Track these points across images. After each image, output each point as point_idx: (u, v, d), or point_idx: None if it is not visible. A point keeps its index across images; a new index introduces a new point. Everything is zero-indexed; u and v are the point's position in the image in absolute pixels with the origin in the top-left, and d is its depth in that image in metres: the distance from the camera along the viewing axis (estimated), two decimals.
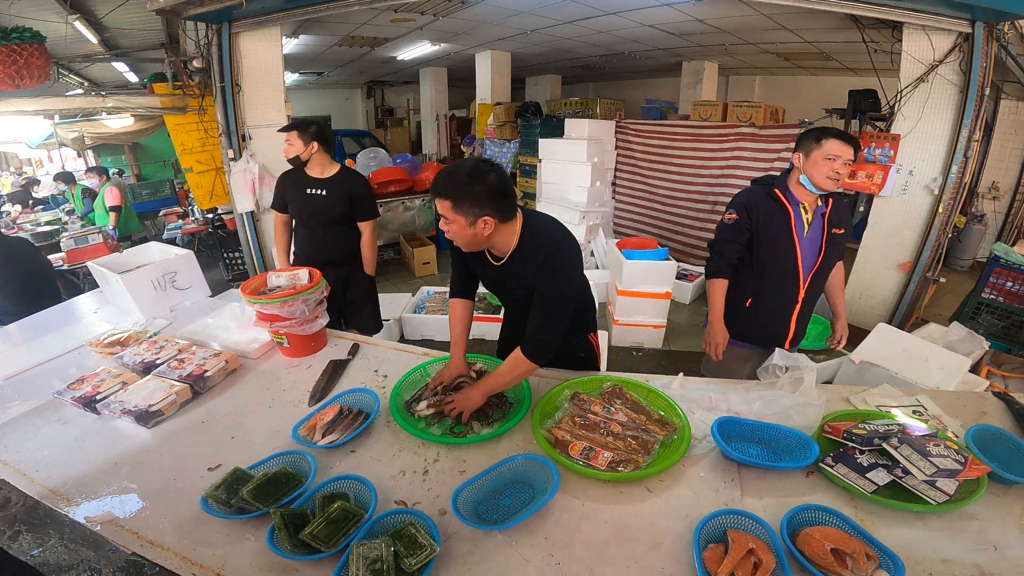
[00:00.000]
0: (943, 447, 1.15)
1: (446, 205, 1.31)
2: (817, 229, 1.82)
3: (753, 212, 1.84)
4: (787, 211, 1.80)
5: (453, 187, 1.30)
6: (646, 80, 9.43)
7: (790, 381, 1.52)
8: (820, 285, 1.92)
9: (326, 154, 2.47)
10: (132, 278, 2.14)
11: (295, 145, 2.42)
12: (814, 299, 1.94)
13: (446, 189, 1.30)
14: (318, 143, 2.43)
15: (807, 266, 1.83)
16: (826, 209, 1.81)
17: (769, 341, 1.93)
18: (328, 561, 1.00)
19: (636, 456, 1.27)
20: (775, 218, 1.81)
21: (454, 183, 1.30)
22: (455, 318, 1.69)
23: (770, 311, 1.93)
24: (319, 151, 2.44)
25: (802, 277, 1.84)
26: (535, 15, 4.98)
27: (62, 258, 4.15)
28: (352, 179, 2.53)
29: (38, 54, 3.50)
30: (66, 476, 1.28)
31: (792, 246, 1.81)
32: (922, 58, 3.22)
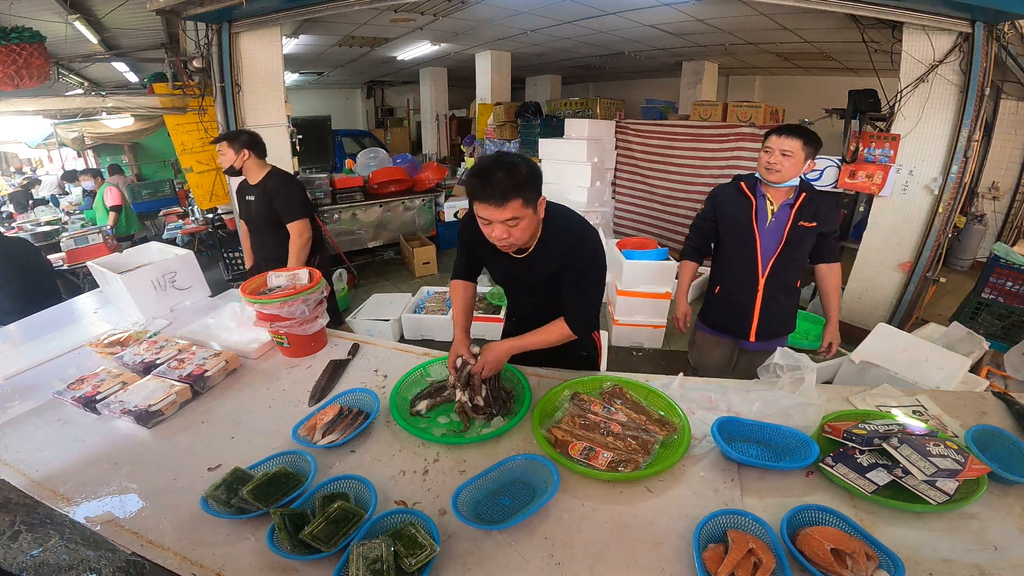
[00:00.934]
0: (943, 447, 1.15)
1: (516, 205, 1.22)
2: (781, 221, 1.87)
3: (718, 203, 2.00)
4: (750, 202, 1.90)
5: (519, 183, 1.21)
6: (646, 80, 9.43)
7: (790, 381, 1.52)
8: (786, 277, 1.95)
9: (258, 159, 2.52)
10: (132, 278, 2.14)
11: (226, 155, 2.46)
12: (781, 290, 1.96)
13: (515, 189, 1.21)
14: (249, 151, 2.47)
15: (766, 256, 1.91)
16: (795, 202, 1.85)
17: (735, 330, 2.04)
18: (328, 561, 1.00)
19: (636, 456, 1.27)
20: (738, 209, 1.93)
21: (517, 178, 1.21)
22: (458, 297, 1.67)
23: (734, 299, 2.03)
24: (251, 158, 2.48)
25: (761, 266, 1.92)
26: (535, 15, 4.98)
27: (62, 258, 4.15)
28: (274, 181, 2.52)
29: (38, 54, 3.50)
30: (66, 476, 1.28)
31: (751, 236, 1.90)
32: (922, 58, 3.22)
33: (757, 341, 2.03)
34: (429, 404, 1.52)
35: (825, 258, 1.95)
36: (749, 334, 2.01)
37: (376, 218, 5.62)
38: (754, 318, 1.99)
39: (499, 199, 1.21)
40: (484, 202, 1.23)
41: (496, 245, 1.35)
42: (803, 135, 1.79)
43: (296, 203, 2.54)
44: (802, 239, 1.88)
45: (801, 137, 1.78)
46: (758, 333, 2.01)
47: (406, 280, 5.44)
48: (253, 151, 2.48)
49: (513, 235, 1.29)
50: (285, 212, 2.51)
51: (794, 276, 1.97)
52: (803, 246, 1.91)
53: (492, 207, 1.22)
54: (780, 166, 1.80)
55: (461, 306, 1.67)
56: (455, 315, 1.67)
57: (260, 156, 2.52)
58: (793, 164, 1.79)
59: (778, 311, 1.99)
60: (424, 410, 1.50)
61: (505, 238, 1.29)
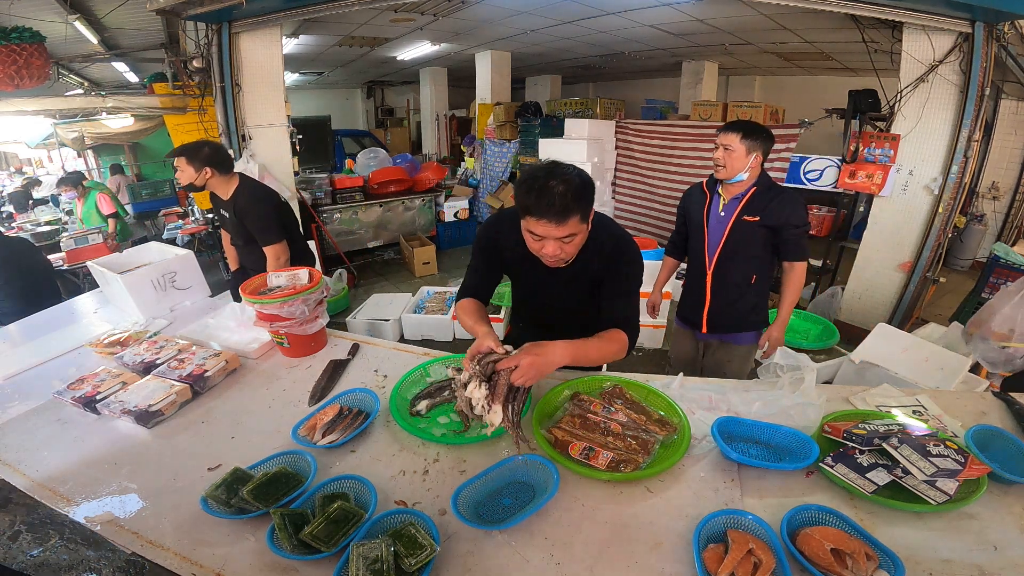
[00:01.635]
0: (943, 447, 1.15)
1: (575, 221, 1.15)
2: (728, 215, 1.93)
3: (684, 201, 2.12)
4: (705, 198, 2.00)
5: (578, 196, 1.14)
6: (646, 80, 9.43)
7: (790, 381, 1.52)
8: (734, 270, 1.98)
9: (223, 175, 2.28)
10: (132, 278, 2.14)
11: (185, 172, 2.19)
12: (730, 284, 2.00)
13: (576, 204, 1.14)
14: (212, 168, 2.22)
15: (712, 248, 1.99)
16: (744, 197, 1.89)
17: (691, 320, 2.13)
18: (328, 561, 1.00)
19: (636, 456, 1.27)
20: (695, 205, 2.04)
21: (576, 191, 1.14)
22: (472, 309, 1.45)
23: (689, 290, 2.14)
24: (215, 176, 2.24)
25: (707, 258, 2.00)
26: (535, 15, 4.98)
27: (62, 258, 4.15)
28: (241, 199, 2.29)
29: (38, 54, 3.51)
30: (66, 476, 1.28)
31: (701, 230, 2.00)
32: (922, 58, 3.22)
33: (709, 333, 2.09)
34: (429, 404, 1.52)
35: (787, 255, 1.93)
36: (701, 326, 2.09)
37: (376, 218, 5.62)
38: (704, 309, 2.06)
39: (559, 215, 1.13)
40: (542, 218, 1.14)
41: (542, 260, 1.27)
42: (741, 128, 1.83)
43: (269, 224, 2.31)
44: (746, 233, 1.90)
45: (739, 131, 1.82)
46: (709, 324, 2.07)
47: (406, 280, 5.44)
48: (216, 168, 2.23)
49: (566, 251, 1.22)
50: (259, 235, 2.32)
51: (744, 271, 1.97)
52: (749, 241, 1.92)
53: (551, 224, 1.14)
54: (723, 161, 1.86)
55: (477, 316, 1.42)
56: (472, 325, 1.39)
57: (225, 172, 2.27)
58: (735, 159, 1.83)
59: (731, 305, 2.02)
60: (424, 410, 1.50)
61: (557, 254, 1.21)
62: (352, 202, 5.40)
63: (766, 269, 2.00)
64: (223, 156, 2.27)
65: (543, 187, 1.13)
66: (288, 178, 4.24)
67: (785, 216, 1.87)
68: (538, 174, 1.15)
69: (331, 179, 5.44)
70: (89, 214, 4.88)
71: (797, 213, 1.86)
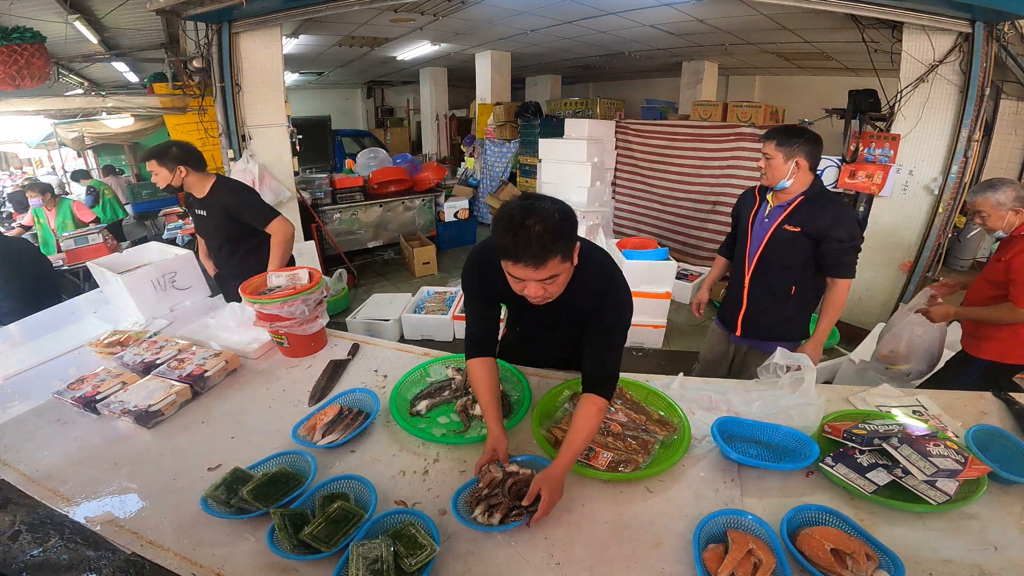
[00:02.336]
0: (943, 447, 1.15)
1: (555, 262, 1.08)
2: (771, 222, 1.88)
3: (739, 203, 2.09)
4: (755, 203, 1.96)
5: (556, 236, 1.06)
6: (646, 80, 9.42)
7: (790, 381, 1.52)
8: (771, 278, 1.93)
9: (199, 173, 2.26)
10: (132, 278, 2.14)
11: (160, 175, 2.18)
12: (767, 291, 1.94)
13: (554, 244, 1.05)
14: (184, 166, 2.19)
15: (751, 254, 1.96)
16: (789, 205, 1.83)
17: (729, 323, 2.11)
18: (328, 561, 1.00)
19: (636, 456, 1.27)
20: (745, 208, 2.01)
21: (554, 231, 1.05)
22: (483, 381, 1.34)
23: (731, 293, 2.11)
24: (190, 174, 2.22)
25: (747, 263, 1.98)
26: (535, 15, 4.98)
27: (62, 258, 4.15)
28: (223, 191, 2.27)
29: (38, 54, 3.50)
30: (66, 476, 1.28)
31: (745, 233, 1.98)
32: (922, 58, 3.22)
33: (743, 337, 2.06)
34: (429, 404, 1.52)
35: (828, 270, 1.83)
36: (736, 328, 2.06)
37: (376, 218, 5.62)
38: (740, 313, 2.03)
39: (537, 258, 1.06)
40: (519, 262, 1.07)
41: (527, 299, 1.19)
42: (776, 135, 1.77)
43: (261, 205, 2.32)
44: (786, 242, 1.83)
45: (774, 137, 1.77)
46: (743, 329, 2.04)
47: (406, 280, 5.44)
48: (190, 166, 2.20)
49: (549, 291, 1.15)
50: (255, 218, 2.28)
51: (782, 279, 1.90)
52: (789, 250, 1.84)
53: (529, 268, 1.07)
54: (765, 169, 1.82)
55: (490, 392, 1.33)
56: (483, 403, 1.32)
57: (199, 169, 2.25)
58: (774, 167, 1.77)
59: (764, 312, 1.97)
60: (424, 410, 1.50)
61: (540, 294, 1.14)
62: (352, 202, 5.39)
63: (807, 281, 1.90)
64: (193, 153, 2.25)
65: (520, 226, 1.04)
66: (288, 178, 4.24)
67: (826, 228, 1.75)
68: (514, 212, 1.07)
69: (331, 179, 5.44)
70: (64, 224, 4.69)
71: (841, 226, 1.74)
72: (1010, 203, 1.85)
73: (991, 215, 1.89)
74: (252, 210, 2.28)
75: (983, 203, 1.90)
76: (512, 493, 1.10)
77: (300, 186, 4.94)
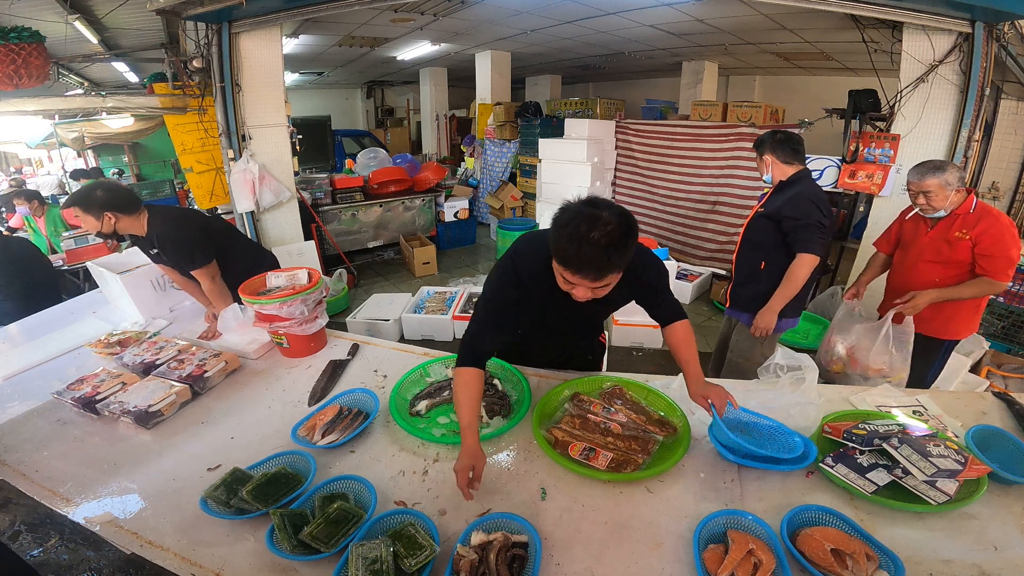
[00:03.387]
0: (943, 447, 1.15)
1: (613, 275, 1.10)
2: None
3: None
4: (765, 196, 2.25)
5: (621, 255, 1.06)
6: (646, 80, 9.42)
7: (790, 381, 1.52)
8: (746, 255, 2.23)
9: (131, 216, 1.96)
10: (132, 278, 2.14)
11: (86, 222, 1.91)
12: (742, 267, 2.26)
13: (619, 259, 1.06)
14: (112, 212, 1.90)
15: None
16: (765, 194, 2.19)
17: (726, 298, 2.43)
18: (328, 561, 1.00)
19: (636, 456, 1.27)
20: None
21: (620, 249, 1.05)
22: (473, 392, 1.27)
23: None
24: (122, 219, 1.94)
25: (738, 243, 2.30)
26: (535, 15, 4.98)
27: (62, 258, 4.15)
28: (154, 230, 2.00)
29: (37, 54, 3.50)
30: (66, 476, 1.28)
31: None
32: (922, 58, 3.22)
33: (731, 308, 2.36)
34: (429, 404, 1.52)
35: (792, 246, 2.04)
36: (727, 300, 2.38)
37: (376, 218, 5.62)
38: (730, 285, 2.37)
39: (598, 272, 1.06)
40: (578, 273, 1.07)
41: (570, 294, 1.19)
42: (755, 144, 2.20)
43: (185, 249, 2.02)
44: (756, 224, 2.17)
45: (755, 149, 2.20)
46: (731, 300, 2.35)
47: (406, 280, 5.44)
48: (118, 211, 1.92)
49: (599, 295, 1.16)
50: (182, 263, 2.05)
51: (755, 257, 2.17)
52: (758, 230, 2.15)
53: (586, 279, 1.08)
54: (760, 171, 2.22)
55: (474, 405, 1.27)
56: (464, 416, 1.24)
57: (130, 212, 1.96)
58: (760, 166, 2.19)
59: (743, 285, 2.26)
60: (424, 410, 1.50)
61: (589, 296, 1.15)
62: (352, 202, 5.39)
63: (778, 259, 2.09)
64: (121, 195, 1.96)
65: (584, 239, 1.03)
66: (288, 178, 4.24)
67: (780, 207, 2.04)
68: (579, 222, 1.05)
69: (331, 179, 5.44)
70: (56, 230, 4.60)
71: (794, 205, 2.00)
72: (955, 183, 1.97)
73: (938, 195, 1.98)
74: (176, 251, 2.02)
75: (931, 184, 1.97)
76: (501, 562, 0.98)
77: (300, 186, 4.94)
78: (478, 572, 0.96)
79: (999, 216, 1.97)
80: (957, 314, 2.09)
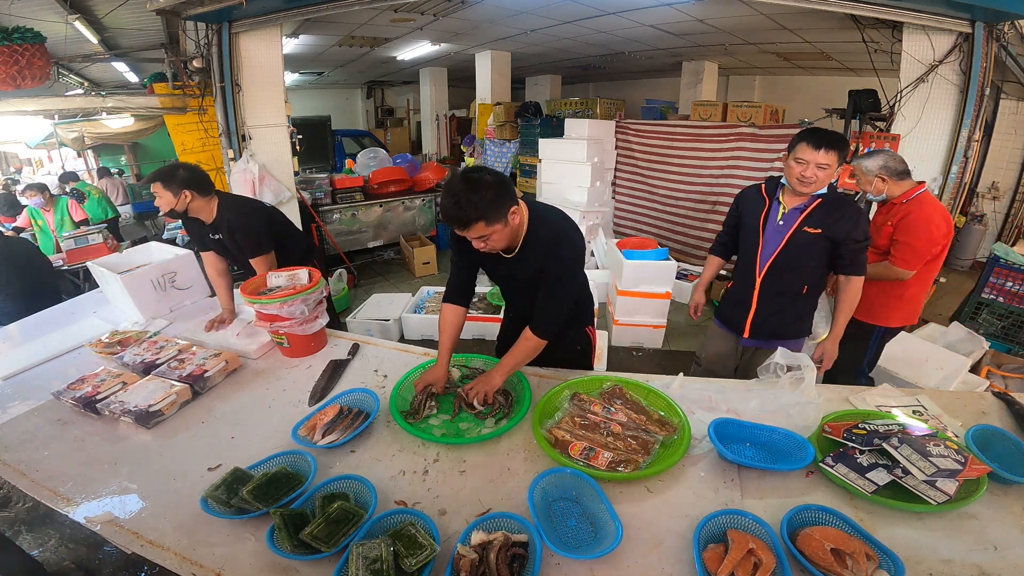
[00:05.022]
0: (943, 447, 1.15)
1: (480, 226, 1.31)
2: (787, 224, 1.84)
3: (741, 202, 2.04)
4: (764, 204, 1.91)
5: (480, 208, 1.28)
6: (646, 80, 9.42)
7: (790, 380, 1.52)
8: (786, 280, 1.91)
9: (204, 196, 2.08)
10: (132, 278, 2.14)
11: (163, 198, 2.02)
12: (780, 293, 1.93)
13: (477, 215, 1.29)
14: (190, 191, 2.02)
15: (764, 257, 1.91)
16: (808, 207, 1.80)
17: (735, 325, 2.07)
18: (328, 561, 1.00)
19: (636, 456, 1.27)
20: (754, 210, 1.94)
21: (478, 204, 1.28)
22: (447, 323, 1.64)
23: (736, 295, 2.07)
24: (195, 199, 2.04)
25: (758, 266, 1.93)
26: (535, 15, 4.98)
27: (62, 258, 4.14)
28: (226, 215, 2.12)
29: (38, 54, 3.50)
30: (66, 476, 1.28)
31: (755, 236, 1.92)
32: (922, 58, 3.22)
33: (751, 338, 2.04)
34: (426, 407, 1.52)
35: (843, 269, 1.84)
36: (743, 331, 2.03)
37: (376, 218, 5.62)
38: (748, 316, 2.00)
39: (462, 224, 1.31)
40: (453, 225, 1.35)
41: None
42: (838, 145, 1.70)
43: (261, 237, 2.17)
44: (806, 245, 1.82)
45: (834, 147, 1.69)
46: (752, 331, 2.02)
47: (406, 280, 5.44)
48: (196, 191, 2.03)
49: (488, 244, 1.38)
50: (251, 248, 2.16)
51: (797, 281, 1.90)
52: (808, 252, 1.84)
53: (459, 230, 1.34)
54: (815, 178, 1.71)
55: (451, 333, 1.64)
56: (442, 341, 1.63)
57: (205, 193, 2.08)
58: (828, 175, 1.73)
59: (775, 313, 1.96)
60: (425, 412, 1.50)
61: (482, 247, 1.39)
62: (352, 202, 5.39)
63: (819, 279, 1.93)
64: (200, 177, 2.09)
65: (450, 199, 1.30)
66: (288, 178, 4.24)
67: (847, 230, 1.76)
68: (451, 187, 1.31)
69: (331, 179, 5.44)
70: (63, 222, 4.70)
71: (860, 228, 1.77)
72: (876, 170, 2.10)
73: (861, 179, 2.17)
74: (241, 239, 2.13)
75: (856, 166, 2.18)
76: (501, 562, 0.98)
77: (300, 186, 4.94)
78: (478, 572, 0.96)
79: (929, 208, 2.02)
80: (879, 299, 2.13)
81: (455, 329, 1.65)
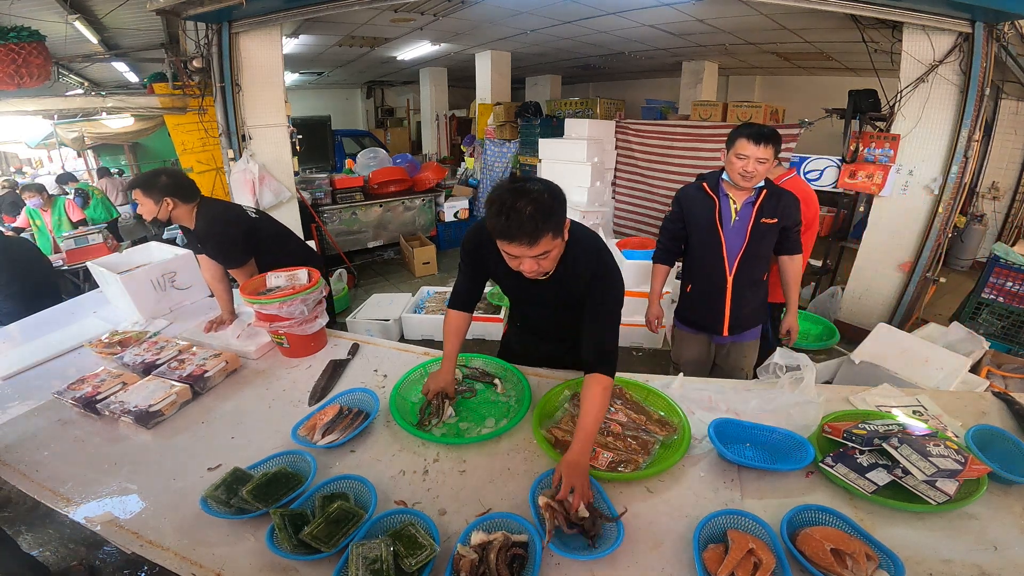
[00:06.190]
0: (943, 447, 1.15)
1: (547, 239, 1.14)
2: (744, 219, 1.90)
3: (685, 204, 2.02)
4: (713, 202, 1.92)
5: (547, 215, 1.12)
6: (646, 80, 9.42)
7: (790, 380, 1.52)
8: (752, 272, 1.97)
9: (188, 204, 1.99)
10: (132, 278, 2.14)
11: (144, 205, 1.93)
12: (748, 285, 1.99)
13: (545, 223, 1.12)
14: (172, 198, 1.93)
15: (732, 253, 1.94)
16: (757, 199, 1.87)
17: (707, 326, 2.10)
18: (328, 561, 1.00)
19: (636, 456, 1.27)
20: (703, 209, 1.96)
21: (545, 210, 1.11)
22: (454, 328, 1.56)
23: (703, 296, 2.07)
24: (178, 206, 1.96)
25: (727, 264, 1.95)
26: (535, 15, 4.98)
27: (62, 258, 4.14)
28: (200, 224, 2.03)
29: (38, 53, 3.50)
30: (66, 476, 1.28)
31: (716, 234, 1.93)
32: (922, 58, 3.22)
33: (730, 335, 2.08)
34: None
35: (788, 250, 2.00)
36: (722, 330, 2.05)
37: (376, 218, 5.62)
38: (725, 314, 2.02)
39: (530, 238, 1.12)
40: (513, 241, 1.13)
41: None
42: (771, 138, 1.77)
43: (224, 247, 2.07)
44: (765, 235, 1.92)
45: (769, 141, 1.76)
46: (730, 328, 2.05)
47: (406, 280, 5.44)
48: (178, 197, 1.94)
49: (543, 266, 1.21)
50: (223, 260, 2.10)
51: (759, 270, 2.01)
52: (766, 241, 1.95)
53: (523, 246, 1.13)
54: (755, 172, 1.79)
55: (456, 341, 1.56)
56: (447, 348, 1.55)
57: (188, 200, 1.98)
58: (766, 168, 1.81)
59: (747, 305, 2.03)
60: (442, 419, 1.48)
61: (535, 270, 1.21)
62: (352, 202, 5.40)
63: (768, 266, 2.06)
64: (183, 184, 1.99)
65: (511, 209, 1.11)
66: (288, 178, 4.24)
67: (792, 215, 1.93)
68: (505, 196, 1.13)
69: (331, 179, 5.44)
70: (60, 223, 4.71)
71: (800, 212, 1.95)
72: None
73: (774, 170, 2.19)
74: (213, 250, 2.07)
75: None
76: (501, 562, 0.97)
77: (300, 186, 4.94)
78: (478, 572, 0.96)
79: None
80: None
81: (462, 334, 1.58)
